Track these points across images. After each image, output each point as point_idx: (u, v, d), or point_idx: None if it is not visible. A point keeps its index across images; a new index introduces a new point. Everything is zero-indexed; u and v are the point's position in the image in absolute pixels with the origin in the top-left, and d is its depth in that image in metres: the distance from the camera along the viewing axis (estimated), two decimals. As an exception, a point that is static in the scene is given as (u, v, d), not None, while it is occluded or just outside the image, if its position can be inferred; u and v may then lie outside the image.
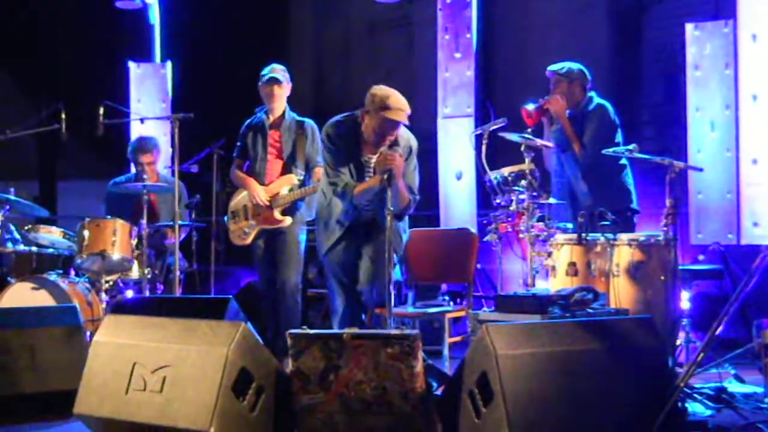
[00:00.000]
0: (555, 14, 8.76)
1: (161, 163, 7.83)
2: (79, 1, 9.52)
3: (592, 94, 6.40)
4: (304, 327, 4.06)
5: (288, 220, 6.53)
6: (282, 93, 6.70)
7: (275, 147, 6.67)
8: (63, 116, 6.62)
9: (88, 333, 5.53)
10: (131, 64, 9.16)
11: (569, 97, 6.36)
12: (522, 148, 5.86)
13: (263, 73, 6.71)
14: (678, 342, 5.58)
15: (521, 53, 8.93)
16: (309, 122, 6.73)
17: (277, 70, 6.69)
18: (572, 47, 6.56)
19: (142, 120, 7.32)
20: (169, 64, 9.23)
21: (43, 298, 6.49)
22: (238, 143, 6.83)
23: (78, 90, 8.54)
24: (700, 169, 6.43)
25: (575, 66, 6.42)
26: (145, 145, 7.42)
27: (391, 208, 4.93)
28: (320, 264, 7.30)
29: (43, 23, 9.71)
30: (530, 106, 6.33)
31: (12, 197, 6.83)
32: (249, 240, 6.65)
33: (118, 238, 6.72)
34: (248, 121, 6.83)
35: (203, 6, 9.46)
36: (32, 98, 9.64)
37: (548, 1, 8.85)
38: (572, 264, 5.62)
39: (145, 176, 7.08)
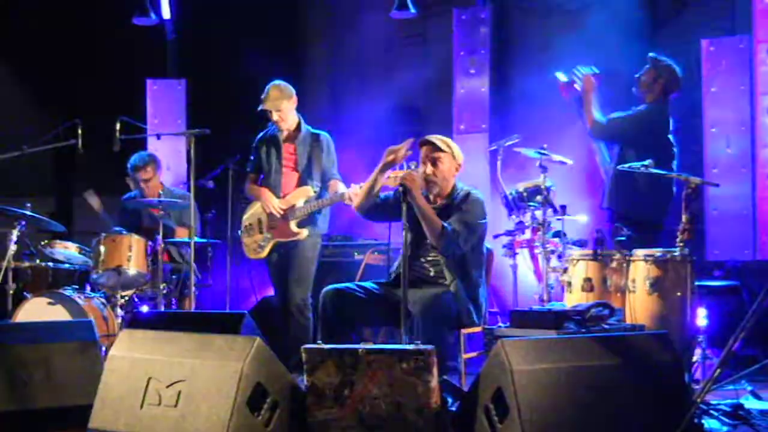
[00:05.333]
0: (570, 31, 8.76)
1: (168, 179, 7.84)
2: (96, 17, 9.56)
3: None
4: (319, 341, 4.06)
5: (304, 233, 6.43)
6: (282, 114, 6.52)
7: (291, 160, 6.57)
8: (80, 132, 6.64)
9: (104, 348, 5.54)
10: (148, 81, 9.20)
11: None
12: (537, 164, 5.86)
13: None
14: (694, 358, 5.55)
15: (536, 69, 8.92)
16: (324, 135, 6.63)
17: (269, 95, 6.51)
18: (587, 63, 6.55)
19: (158, 136, 7.32)
20: (184, 81, 9.26)
21: (58, 313, 6.50)
22: (251, 156, 6.74)
23: (94, 105, 8.57)
24: (717, 185, 6.40)
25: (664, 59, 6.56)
26: (138, 161, 7.45)
27: (407, 224, 4.84)
28: (338, 278, 7.26)
29: (60, 39, 9.74)
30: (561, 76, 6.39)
31: (28, 212, 6.85)
32: (264, 253, 6.56)
33: (133, 254, 6.75)
34: (260, 134, 6.75)
35: (219, 22, 9.49)
36: (49, 114, 9.65)
37: (564, 18, 8.85)
38: (588, 279, 5.61)
39: (145, 193, 7.14)
